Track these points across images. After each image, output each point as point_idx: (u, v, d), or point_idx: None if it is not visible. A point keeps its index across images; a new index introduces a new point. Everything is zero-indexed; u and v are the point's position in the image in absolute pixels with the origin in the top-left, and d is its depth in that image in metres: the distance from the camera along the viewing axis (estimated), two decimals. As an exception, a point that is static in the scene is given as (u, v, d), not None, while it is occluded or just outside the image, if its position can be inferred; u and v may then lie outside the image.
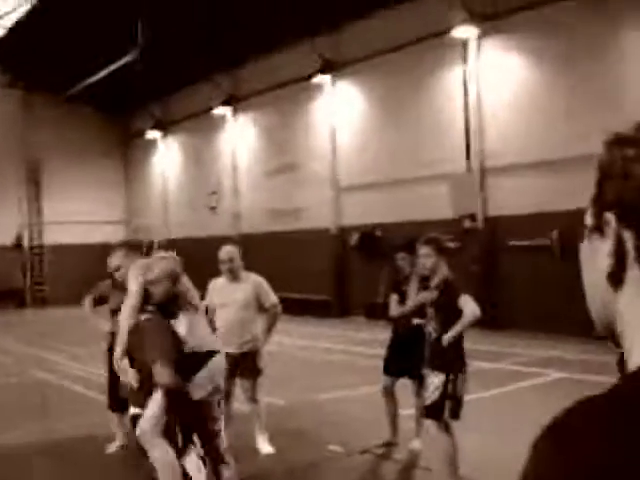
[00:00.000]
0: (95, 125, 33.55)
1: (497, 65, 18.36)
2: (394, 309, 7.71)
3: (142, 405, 5.29)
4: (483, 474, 6.47)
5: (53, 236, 32.54)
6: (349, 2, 20.92)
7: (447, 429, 6.17)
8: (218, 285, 7.70)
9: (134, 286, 5.51)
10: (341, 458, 7.48)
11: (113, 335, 7.47)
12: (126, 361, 5.45)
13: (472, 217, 18.56)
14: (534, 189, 17.32)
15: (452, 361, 6.16)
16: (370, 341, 16.37)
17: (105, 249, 31.03)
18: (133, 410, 5.45)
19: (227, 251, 7.71)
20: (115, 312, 7.57)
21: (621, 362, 0.98)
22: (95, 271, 31.88)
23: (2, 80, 31.27)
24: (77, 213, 32.61)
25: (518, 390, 10.85)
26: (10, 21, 27.19)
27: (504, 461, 6.91)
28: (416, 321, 7.47)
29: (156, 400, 5.20)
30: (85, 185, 33.37)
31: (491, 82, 18.45)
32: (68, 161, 32.71)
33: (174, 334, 5.35)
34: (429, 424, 6.26)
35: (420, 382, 7.57)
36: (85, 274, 31.26)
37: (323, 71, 22.84)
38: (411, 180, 20.20)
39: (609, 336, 1.03)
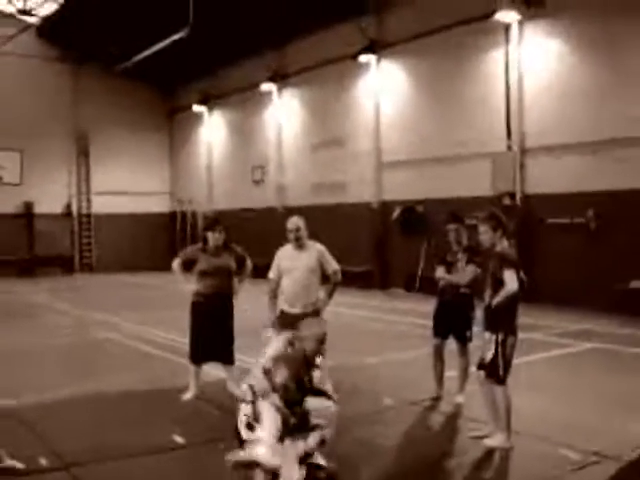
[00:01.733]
0: (142, 98, 34.57)
1: (538, 48, 18.91)
2: (439, 274, 8.54)
3: None
4: (531, 427, 7.33)
5: (100, 205, 33.60)
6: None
7: (501, 384, 6.93)
8: (286, 252, 8.48)
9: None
10: (392, 409, 8.34)
11: (198, 294, 8.53)
12: None
13: (511, 195, 19.23)
14: (572, 169, 17.96)
15: (500, 324, 6.88)
16: (409, 311, 17.27)
17: (150, 218, 32.11)
18: None
19: (294, 221, 8.47)
20: (203, 274, 8.56)
21: None
22: (139, 239, 33.19)
23: (53, 54, 32.24)
24: (123, 183, 33.71)
25: (552, 358, 11.66)
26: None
27: (548, 415, 7.80)
28: (463, 290, 8.35)
29: None
30: (132, 156, 34.44)
31: (532, 65, 19.03)
32: (116, 133, 33.67)
33: None
34: (483, 379, 7.02)
35: (464, 343, 8.47)
36: (129, 242, 32.65)
37: (368, 50, 23.45)
38: (452, 158, 20.88)
39: None
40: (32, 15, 29.42)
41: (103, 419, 8.05)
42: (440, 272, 8.53)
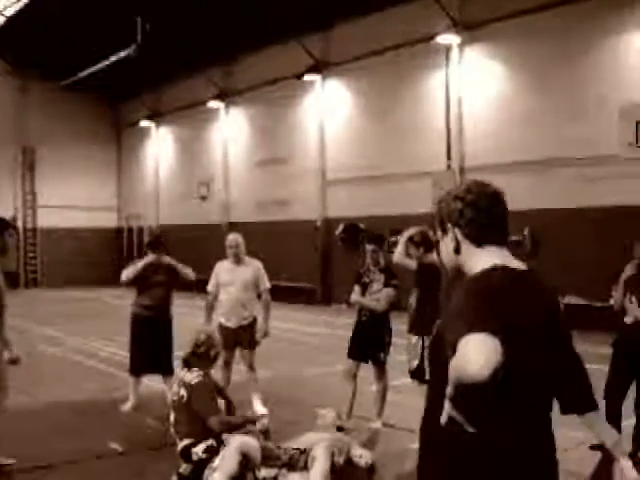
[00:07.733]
0: (90, 113, 34.50)
1: (477, 71, 19.56)
2: (354, 298, 8.30)
3: None
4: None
5: (46, 220, 33.47)
6: (339, 5, 22.00)
7: None
8: (224, 266, 8.88)
9: None
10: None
11: (138, 307, 8.84)
12: None
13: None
14: (508, 188, 18.45)
15: (426, 325, 6.97)
16: (349, 325, 17.56)
17: (97, 233, 31.65)
18: None
19: (233, 238, 8.88)
20: (143, 287, 8.86)
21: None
22: (86, 254, 32.83)
23: (0, 67, 32.10)
24: (70, 198, 33.54)
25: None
26: (11, 10, 28.08)
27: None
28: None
29: None
30: (78, 171, 34.28)
31: (471, 86, 19.64)
32: (62, 147, 33.54)
33: None
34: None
35: (379, 366, 8.26)
36: (75, 257, 32.50)
37: (313, 70, 23.93)
38: (395, 176, 21.36)
39: (456, 272, 2.33)
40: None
41: (44, 429, 8.26)
42: (355, 295, 8.24)
